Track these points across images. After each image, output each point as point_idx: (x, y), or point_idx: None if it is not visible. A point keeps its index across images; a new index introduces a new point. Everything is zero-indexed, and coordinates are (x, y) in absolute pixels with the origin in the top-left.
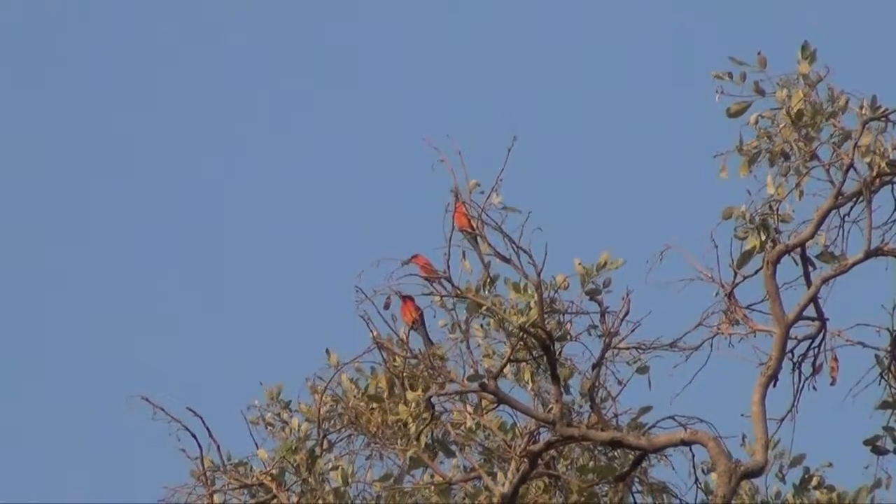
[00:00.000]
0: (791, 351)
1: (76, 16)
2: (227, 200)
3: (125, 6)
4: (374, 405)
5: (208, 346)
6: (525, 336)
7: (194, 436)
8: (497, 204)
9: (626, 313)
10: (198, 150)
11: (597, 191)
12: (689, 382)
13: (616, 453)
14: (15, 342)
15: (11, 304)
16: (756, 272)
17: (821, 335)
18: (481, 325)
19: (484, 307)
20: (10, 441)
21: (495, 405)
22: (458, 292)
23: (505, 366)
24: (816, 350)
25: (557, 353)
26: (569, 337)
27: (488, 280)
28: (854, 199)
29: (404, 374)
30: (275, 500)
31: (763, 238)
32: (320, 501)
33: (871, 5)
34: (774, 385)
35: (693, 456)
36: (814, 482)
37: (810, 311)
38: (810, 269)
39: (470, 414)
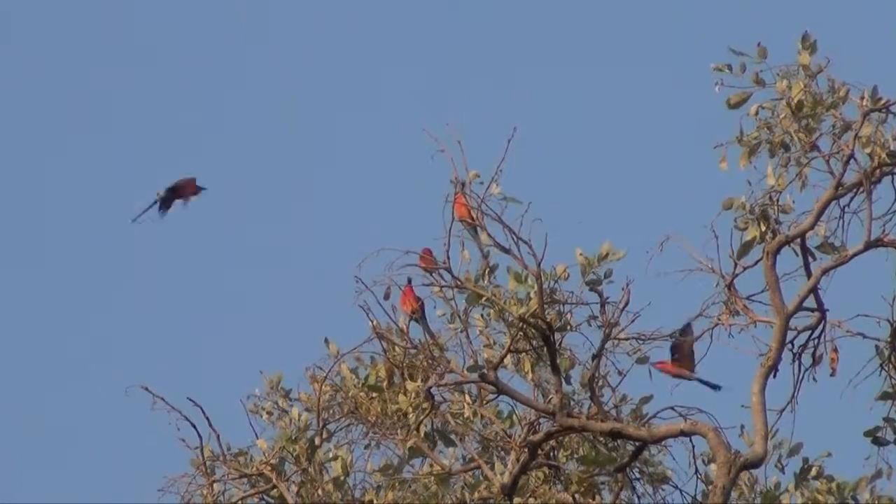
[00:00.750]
0: (791, 342)
1: (75, 15)
2: (227, 200)
3: (124, 6)
4: (374, 395)
5: (208, 336)
6: (525, 326)
7: (194, 425)
8: (497, 194)
9: (627, 304)
10: (198, 149)
11: (597, 181)
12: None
13: (616, 444)
14: (14, 339)
15: (10, 301)
16: (756, 263)
17: (821, 326)
18: (481, 316)
19: (484, 297)
20: (10, 440)
21: (495, 395)
22: (458, 282)
23: (505, 356)
24: (816, 341)
25: (557, 343)
26: (569, 327)
27: (488, 270)
28: (854, 190)
29: (404, 363)
30: (274, 490)
31: (763, 229)
32: (320, 491)
33: None
34: (774, 376)
35: (693, 447)
36: (813, 472)
37: (810, 301)
38: (810, 259)
39: (469, 404)
